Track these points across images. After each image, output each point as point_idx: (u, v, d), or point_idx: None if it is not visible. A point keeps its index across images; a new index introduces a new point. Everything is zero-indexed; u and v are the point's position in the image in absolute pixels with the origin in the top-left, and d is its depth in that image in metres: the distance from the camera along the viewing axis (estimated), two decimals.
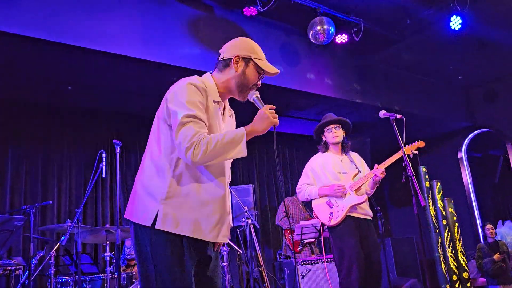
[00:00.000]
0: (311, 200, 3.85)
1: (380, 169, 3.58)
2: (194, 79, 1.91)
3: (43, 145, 5.38)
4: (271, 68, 2.06)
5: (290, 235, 5.70)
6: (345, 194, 3.62)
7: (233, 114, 2.18)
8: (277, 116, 1.93)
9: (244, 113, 2.38)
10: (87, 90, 5.01)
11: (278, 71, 2.09)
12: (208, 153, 1.75)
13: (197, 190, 1.86)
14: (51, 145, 5.44)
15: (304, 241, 5.49)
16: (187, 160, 1.77)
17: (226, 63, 2.00)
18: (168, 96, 1.88)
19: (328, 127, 3.85)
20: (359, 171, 3.78)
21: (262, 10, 4.65)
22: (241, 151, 1.83)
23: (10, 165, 5.11)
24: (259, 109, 1.96)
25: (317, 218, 3.82)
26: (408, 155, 3.56)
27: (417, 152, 3.63)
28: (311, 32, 4.94)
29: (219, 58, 2.03)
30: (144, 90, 5.03)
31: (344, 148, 3.90)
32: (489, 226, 6.18)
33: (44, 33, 3.73)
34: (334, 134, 3.81)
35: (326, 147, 3.90)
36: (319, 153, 3.95)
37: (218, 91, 1.98)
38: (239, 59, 1.98)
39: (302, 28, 5.27)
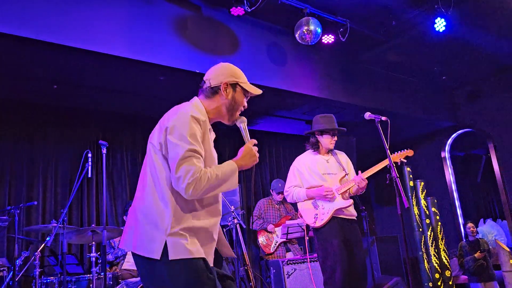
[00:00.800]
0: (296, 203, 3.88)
1: (359, 176, 3.62)
2: (195, 111, 1.95)
3: (28, 145, 5.32)
4: (256, 90, 2.16)
5: (262, 237, 5.71)
6: (334, 198, 3.65)
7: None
8: (257, 154, 2.05)
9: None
10: (73, 89, 4.95)
11: (261, 91, 2.18)
12: (207, 189, 1.84)
13: (197, 217, 1.91)
14: (36, 145, 5.38)
15: (277, 242, 5.53)
16: (187, 195, 1.81)
17: (215, 90, 2.07)
18: (168, 126, 1.89)
19: (333, 132, 3.86)
20: (346, 174, 3.83)
21: (249, 10, 4.66)
22: (233, 184, 1.93)
23: None
24: (245, 143, 2.06)
25: (301, 218, 3.85)
26: (395, 162, 3.61)
27: (405, 161, 3.69)
28: (298, 33, 4.96)
29: (206, 86, 2.08)
30: (131, 89, 5.00)
31: (331, 149, 3.95)
32: (470, 224, 6.28)
33: (28, 31, 3.68)
34: (334, 140, 3.86)
35: (316, 148, 3.91)
36: (306, 153, 3.97)
37: (208, 117, 2.05)
38: (227, 85, 2.07)
39: (289, 28, 5.30)
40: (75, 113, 5.59)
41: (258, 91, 2.16)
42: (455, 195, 7.89)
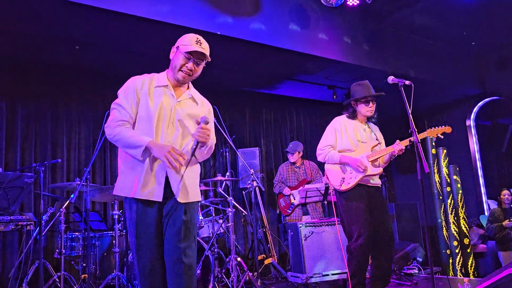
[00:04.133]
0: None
1: (400, 145, 3.56)
2: (145, 75, 2.44)
3: (51, 105, 5.42)
4: (189, 48, 2.35)
5: (281, 199, 5.80)
6: (365, 171, 3.61)
7: (200, 101, 2.53)
8: (173, 161, 2.17)
9: None
10: (94, 50, 4.98)
11: (198, 49, 2.36)
12: (113, 139, 2.29)
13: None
14: (60, 105, 5.47)
15: (293, 205, 5.58)
16: (106, 135, 2.33)
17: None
18: None
19: (366, 99, 3.77)
20: (379, 143, 3.79)
21: None
22: (136, 154, 2.24)
23: (20, 124, 5.16)
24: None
25: (328, 180, 3.83)
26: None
27: (442, 137, 3.61)
28: None
29: None
30: (150, 51, 4.99)
31: (369, 119, 3.89)
32: (505, 191, 6.11)
33: None
34: (371, 108, 3.76)
35: (354, 116, 3.84)
36: (344, 116, 3.88)
37: (172, 81, 2.44)
38: (174, 49, 2.44)
39: None
40: (98, 74, 5.63)
41: (192, 48, 2.34)
42: (478, 164, 7.75)
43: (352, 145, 3.73)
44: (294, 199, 5.60)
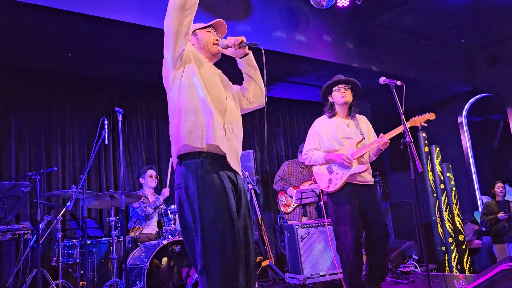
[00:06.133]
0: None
1: (384, 139, 3.56)
2: None
3: (45, 113, 5.41)
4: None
5: (282, 196, 5.80)
6: (351, 165, 3.64)
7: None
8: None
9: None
10: (87, 57, 4.99)
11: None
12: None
13: None
14: (53, 112, 5.46)
15: (295, 205, 5.61)
16: None
17: None
18: None
19: (337, 87, 3.79)
20: (364, 139, 3.75)
21: None
22: None
23: (14, 132, 5.15)
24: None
25: (315, 183, 3.87)
26: (416, 126, 3.58)
27: (426, 124, 3.63)
28: None
29: None
30: (146, 57, 5.01)
31: (351, 111, 3.86)
32: (499, 184, 6.16)
33: (43, 0, 3.69)
34: (343, 94, 3.75)
35: (332, 110, 3.83)
36: (325, 116, 3.89)
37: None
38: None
39: None
40: (91, 82, 5.64)
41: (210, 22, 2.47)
42: (471, 160, 7.84)
43: (335, 145, 3.72)
44: (293, 199, 5.64)
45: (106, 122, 3.87)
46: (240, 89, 2.49)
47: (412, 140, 3.12)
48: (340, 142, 3.73)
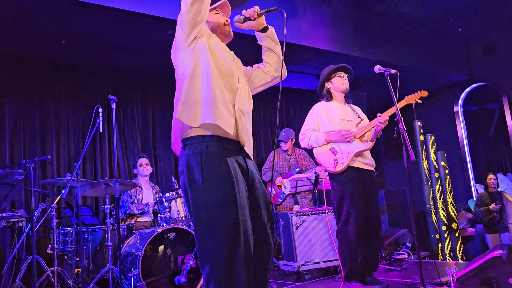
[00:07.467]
0: (312, 148, 3.87)
1: (383, 117, 3.59)
2: None
3: (40, 100, 5.38)
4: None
5: (271, 188, 5.79)
6: (353, 139, 3.64)
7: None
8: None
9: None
10: (82, 45, 4.95)
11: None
12: None
13: None
14: (48, 100, 5.44)
15: (284, 194, 5.61)
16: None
17: None
18: None
19: (338, 73, 3.84)
20: (362, 120, 3.82)
21: None
22: None
23: (8, 120, 5.13)
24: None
25: (321, 165, 3.84)
26: (410, 104, 3.60)
27: (420, 101, 3.65)
28: None
29: None
30: (139, 45, 4.98)
31: (346, 98, 3.93)
32: (491, 176, 6.24)
33: None
34: (345, 80, 3.82)
35: (330, 96, 3.88)
36: (323, 101, 3.93)
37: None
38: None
39: None
40: (86, 70, 5.61)
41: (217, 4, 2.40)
42: (466, 149, 7.87)
43: (337, 125, 3.75)
44: (285, 188, 5.65)
45: (100, 110, 3.85)
46: (259, 66, 2.50)
47: (406, 129, 3.13)
48: (340, 122, 3.76)
